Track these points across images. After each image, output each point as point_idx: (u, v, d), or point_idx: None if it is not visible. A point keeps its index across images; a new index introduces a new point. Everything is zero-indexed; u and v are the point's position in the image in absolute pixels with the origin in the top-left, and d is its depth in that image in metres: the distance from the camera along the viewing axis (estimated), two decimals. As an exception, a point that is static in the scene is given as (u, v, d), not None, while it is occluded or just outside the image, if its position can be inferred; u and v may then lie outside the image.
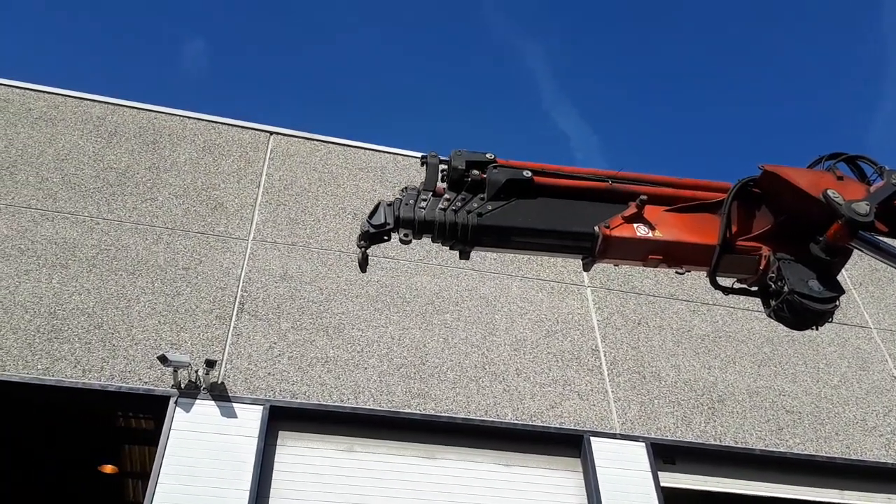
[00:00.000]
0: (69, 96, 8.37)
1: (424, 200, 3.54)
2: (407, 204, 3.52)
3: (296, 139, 8.84)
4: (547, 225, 3.60)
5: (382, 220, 3.50)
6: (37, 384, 6.04)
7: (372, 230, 3.49)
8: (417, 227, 3.49)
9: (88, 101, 8.40)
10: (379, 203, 3.55)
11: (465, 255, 3.65)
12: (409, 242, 3.51)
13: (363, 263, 3.57)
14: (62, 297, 6.58)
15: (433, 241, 3.57)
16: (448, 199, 3.55)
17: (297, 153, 8.68)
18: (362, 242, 3.53)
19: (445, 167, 3.66)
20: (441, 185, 3.64)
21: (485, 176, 3.59)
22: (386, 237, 3.53)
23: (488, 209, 3.53)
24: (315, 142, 8.87)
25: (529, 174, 3.62)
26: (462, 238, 3.51)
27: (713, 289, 3.84)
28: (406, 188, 3.62)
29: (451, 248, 3.65)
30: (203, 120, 8.61)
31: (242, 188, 8.07)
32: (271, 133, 8.78)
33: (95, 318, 6.52)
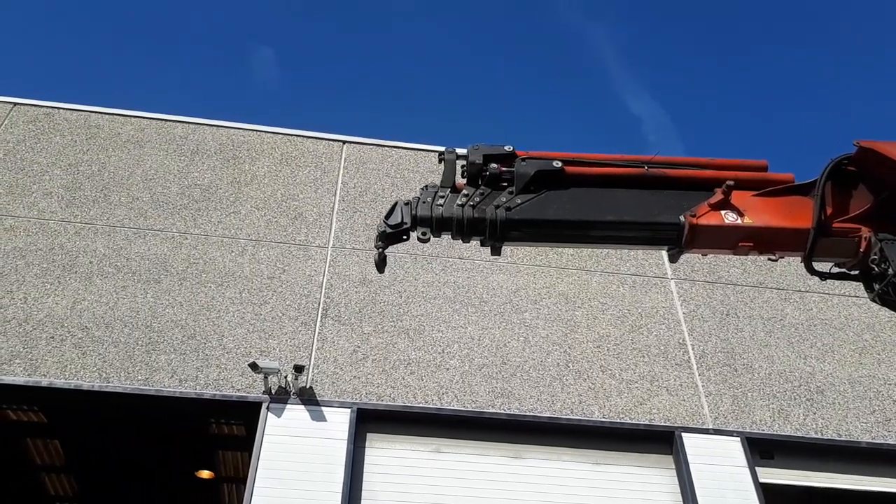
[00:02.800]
0: (153, 119, 8.78)
1: (442, 197, 3.50)
2: (424, 202, 3.48)
3: (368, 146, 8.98)
4: (617, 216, 3.50)
5: (399, 220, 3.48)
6: (138, 394, 6.35)
7: (388, 230, 3.48)
8: (435, 225, 3.45)
9: (171, 122, 8.78)
10: (396, 202, 3.54)
11: (496, 252, 3.58)
12: (427, 241, 3.48)
13: (380, 264, 3.54)
14: (157, 311, 6.90)
15: (452, 238, 3.52)
16: (466, 195, 3.50)
17: (369, 160, 8.82)
18: (379, 243, 3.52)
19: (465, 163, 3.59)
20: (461, 180, 3.59)
21: (504, 169, 3.53)
22: (405, 237, 3.51)
23: (517, 203, 3.45)
24: (386, 148, 8.99)
25: (560, 164, 3.54)
26: (491, 234, 3.44)
27: (807, 275, 3.68)
28: (427, 186, 3.58)
29: (482, 245, 3.57)
30: (279, 133, 8.87)
31: (320, 197, 8.26)
32: (344, 142, 8.95)
33: (188, 329, 6.80)
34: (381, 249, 3.53)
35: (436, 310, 7.40)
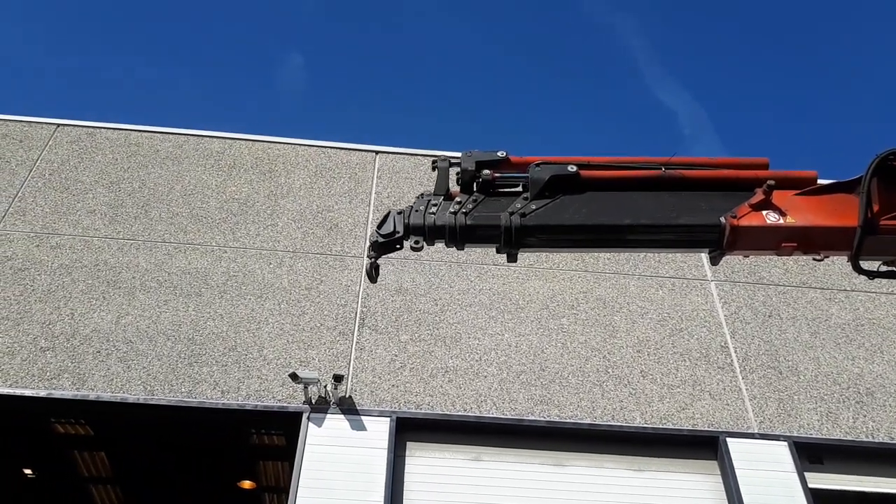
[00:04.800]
0: (190, 135, 8.95)
1: (435, 205, 3.50)
2: (417, 210, 3.49)
3: (400, 156, 9.02)
4: (653, 220, 3.45)
5: (391, 229, 3.48)
6: (182, 406, 6.46)
7: (381, 240, 3.48)
8: (428, 233, 3.45)
9: (208, 138, 8.94)
10: (389, 212, 3.54)
11: (512, 258, 3.55)
12: (420, 249, 3.46)
13: (371, 274, 3.54)
14: (199, 324, 7.02)
15: (446, 245, 3.51)
16: (459, 202, 3.49)
17: (402, 169, 8.86)
18: (372, 253, 3.53)
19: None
20: (456, 188, 3.58)
21: (497, 175, 3.53)
22: (398, 245, 3.51)
23: (532, 209, 3.42)
24: (418, 156, 9.03)
25: (574, 169, 3.50)
26: (506, 241, 3.42)
27: (852, 273, 3.60)
28: (422, 195, 3.59)
29: (497, 252, 3.55)
30: (313, 146, 8.97)
31: (354, 208, 8.33)
32: (377, 152, 9.01)
33: (230, 341, 6.91)
34: (373, 259, 3.54)
35: (472, 317, 7.39)
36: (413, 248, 3.47)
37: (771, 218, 3.43)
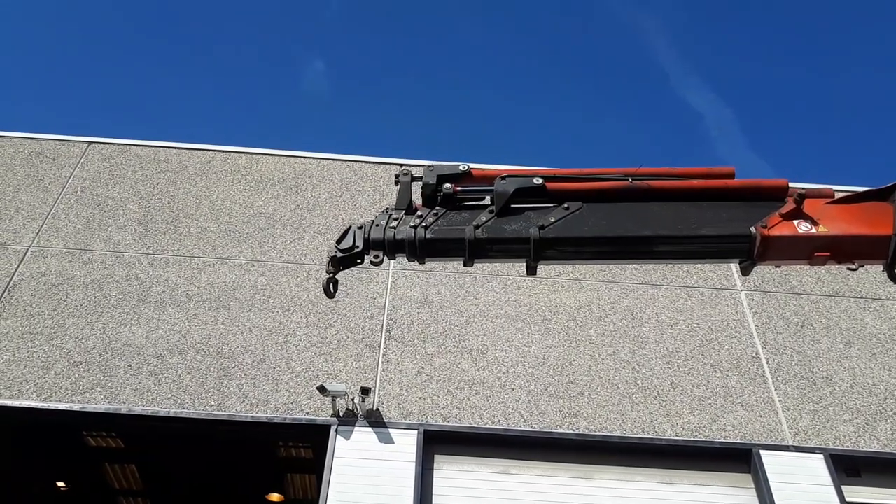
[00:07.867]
0: (218, 150, 9.07)
1: (396, 220, 3.47)
2: (378, 225, 3.47)
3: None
4: (674, 230, 3.40)
5: (350, 244, 3.45)
6: (212, 419, 6.51)
7: (339, 254, 3.46)
8: (388, 247, 3.43)
9: (235, 154, 9.05)
10: (349, 227, 3.53)
11: (531, 271, 3.52)
12: (379, 263, 3.46)
13: (327, 289, 3.50)
14: (227, 337, 7.08)
15: (408, 259, 3.48)
16: (420, 216, 3.46)
17: (427, 181, 8.88)
18: (330, 268, 3.49)
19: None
20: (419, 202, 3.57)
21: (459, 188, 3.52)
22: (358, 260, 3.49)
23: (551, 221, 3.39)
24: (444, 168, 9.03)
25: (540, 181, 3.48)
26: (471, 253, 3.41)
27: (887, 282, 3.55)
28: (386, 209, 3.57)
29: (465, 265, 3.51)
30: (338, 160, 9.04)
31: (379, 220, 8.36)
32: (401, 165, 9.05)
33: (258, 354, 6.96)
34: (332, 274, 3.51)
35: (498, 329, 7.37)
36: (373, 263, 3.46)
37: (803, 227, 3.37)
